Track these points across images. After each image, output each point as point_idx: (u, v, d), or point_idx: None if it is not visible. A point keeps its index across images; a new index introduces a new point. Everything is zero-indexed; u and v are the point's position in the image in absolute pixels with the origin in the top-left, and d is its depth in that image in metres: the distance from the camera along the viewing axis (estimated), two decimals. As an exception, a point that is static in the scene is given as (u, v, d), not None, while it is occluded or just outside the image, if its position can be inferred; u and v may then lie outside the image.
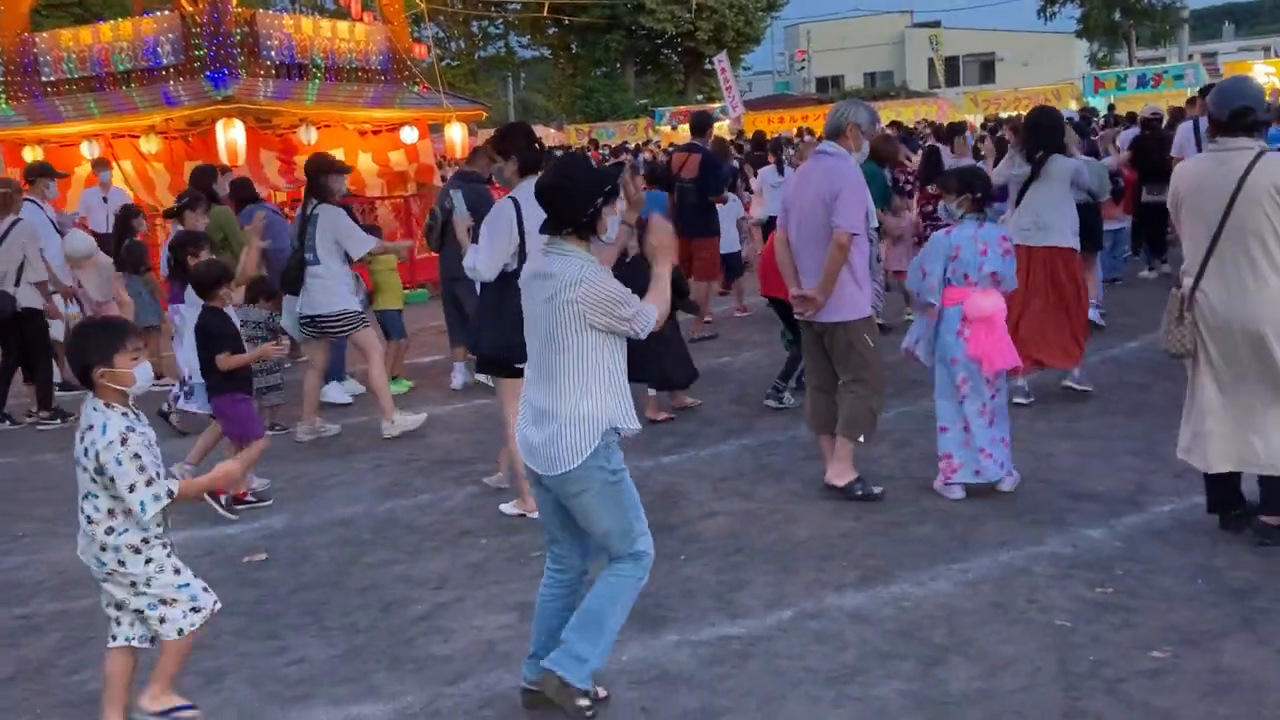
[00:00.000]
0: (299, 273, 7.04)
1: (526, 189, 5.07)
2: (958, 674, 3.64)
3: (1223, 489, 4.63)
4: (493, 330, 5.17)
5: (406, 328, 9.07)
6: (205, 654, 4.10)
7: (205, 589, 3.54)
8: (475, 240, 5.32)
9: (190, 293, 6.25)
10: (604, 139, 36.27)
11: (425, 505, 5.83)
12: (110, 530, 3.36)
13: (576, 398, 3.33)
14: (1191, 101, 10.38)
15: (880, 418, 5.62)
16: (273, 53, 14.25)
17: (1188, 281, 4.49)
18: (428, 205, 14.38)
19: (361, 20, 17.25)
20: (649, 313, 3.40)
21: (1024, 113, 27.18)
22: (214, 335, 5.73)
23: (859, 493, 5.36)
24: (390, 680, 3.88)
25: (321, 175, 7.19)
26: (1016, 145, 7.43)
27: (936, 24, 52.35)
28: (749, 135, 29.10)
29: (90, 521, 3.37)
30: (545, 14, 39.73)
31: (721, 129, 32.17)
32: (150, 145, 13.74)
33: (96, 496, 3.36)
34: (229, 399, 5.79)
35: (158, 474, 3.32)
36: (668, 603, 4.34)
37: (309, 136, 14.09)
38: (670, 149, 17.14)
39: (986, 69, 49.88)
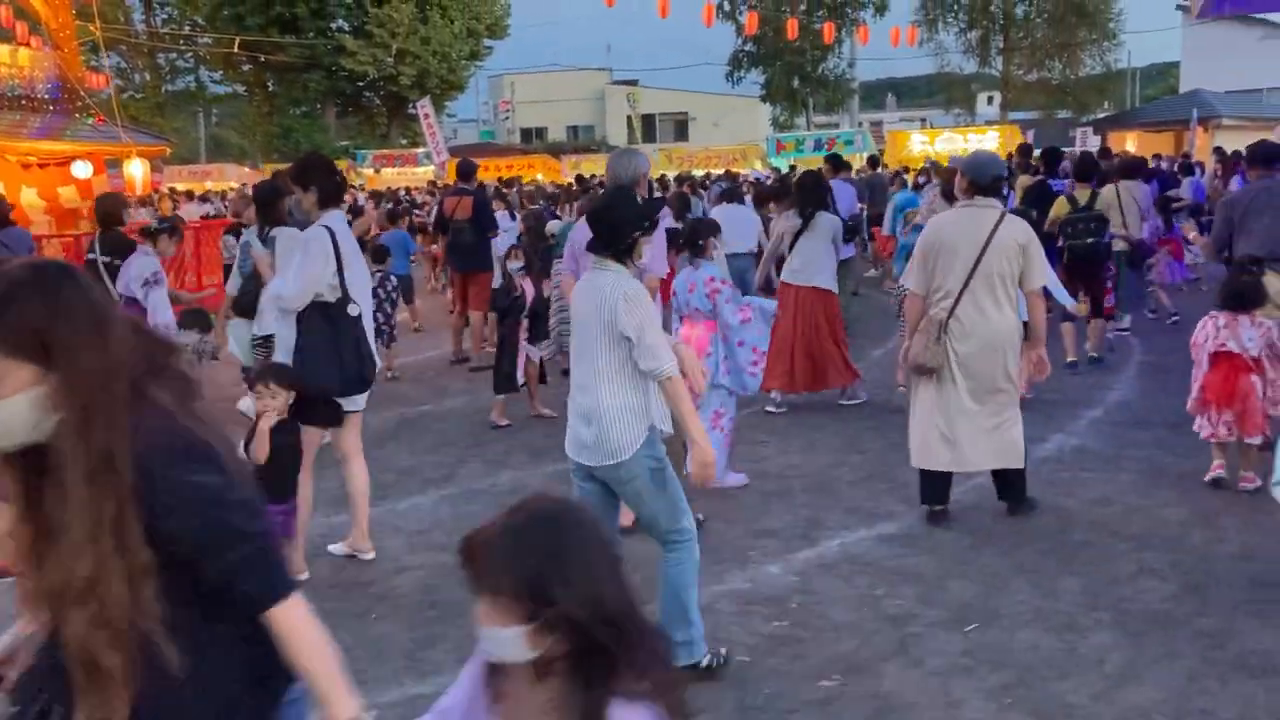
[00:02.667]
0: (255, 296, 6.71)
1: (334, 218, 5.04)
2: (645, 715, 3.73)
3: (940, 486, 5.60)
4: (331, 368, 4.92)
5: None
6: None
7: None
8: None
9: None
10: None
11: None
12: None
13: (622, 394, 3.75)
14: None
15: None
16: (-84, 74, 12.87)
17: (945, 307, 5.37)
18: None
19: (28, 45, 15.90)
20: (664, 357, 3.68)
21: (714, 170, 28.77)
22: None
23: None
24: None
25: (275, 200, 6.85)
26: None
27: (634, 83, 54.49)
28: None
29: None
30: (236, 50, 38.08)
31: (426, 174, 31.99)
32: None
33: None
34: None
35: None
36: (356, 664, 4.16)
37: (-40, 167, 12.80)
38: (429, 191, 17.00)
39: (681, 127, 52.41)
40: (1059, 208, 9.04)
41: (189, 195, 19.46)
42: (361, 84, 45.07)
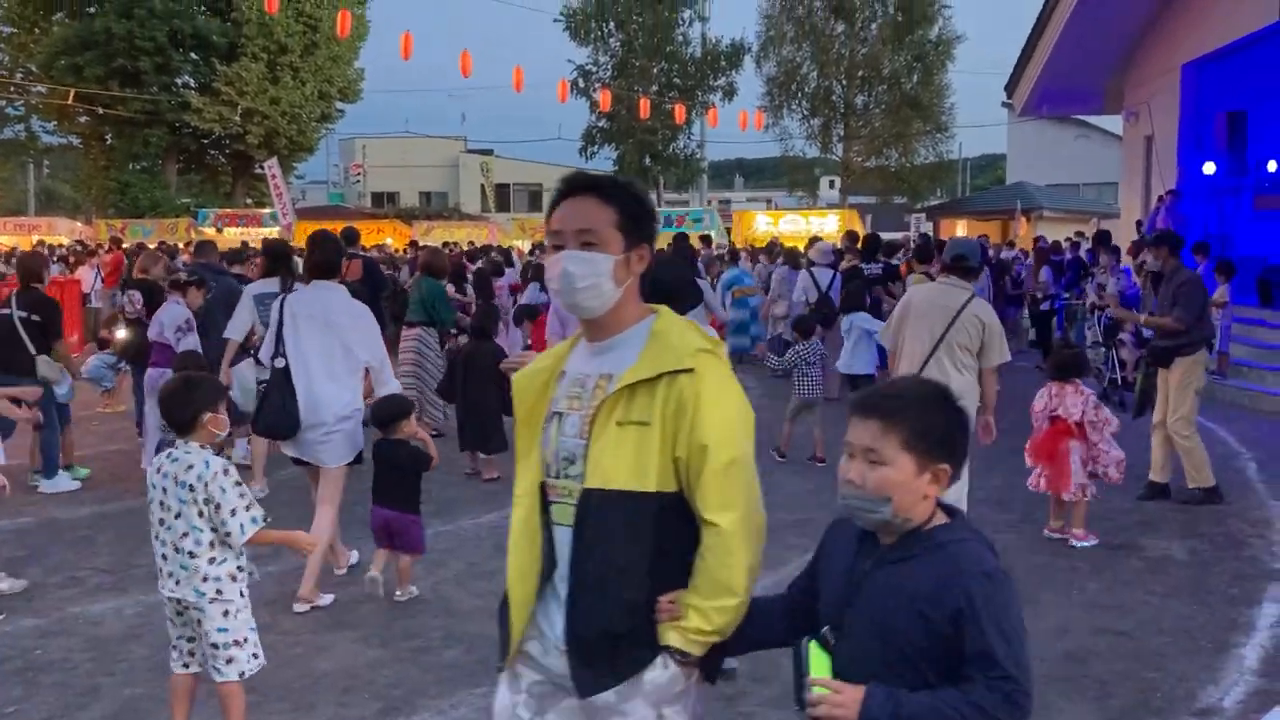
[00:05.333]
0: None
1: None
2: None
3: None
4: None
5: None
6: None
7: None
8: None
9: None
10: (140, 236, 33.80)
11: None
12: (212, 560, 3.79)
13: None
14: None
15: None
16: None
17: (913, 370, 6.05)
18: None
19: None
20: None
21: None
22: None
23: None
24: None
25: (289, 259, 7.72)
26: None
27: (489, 152, 54.68)
28: (299, 243, 28.48)
29: (193, 556, 3.77)
30: (72, 101, 36.59)
31: (271, 234, 31.23)
32: None
33: (200, 530, 3.77)
34: None
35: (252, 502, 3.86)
36: (166, 755, 3.96)
37: None
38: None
39: (535, 198, 52.75)
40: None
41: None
42: (206, 141, 43.88)
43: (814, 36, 38.45)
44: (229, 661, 3.80)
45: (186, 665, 3.93)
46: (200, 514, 3.75)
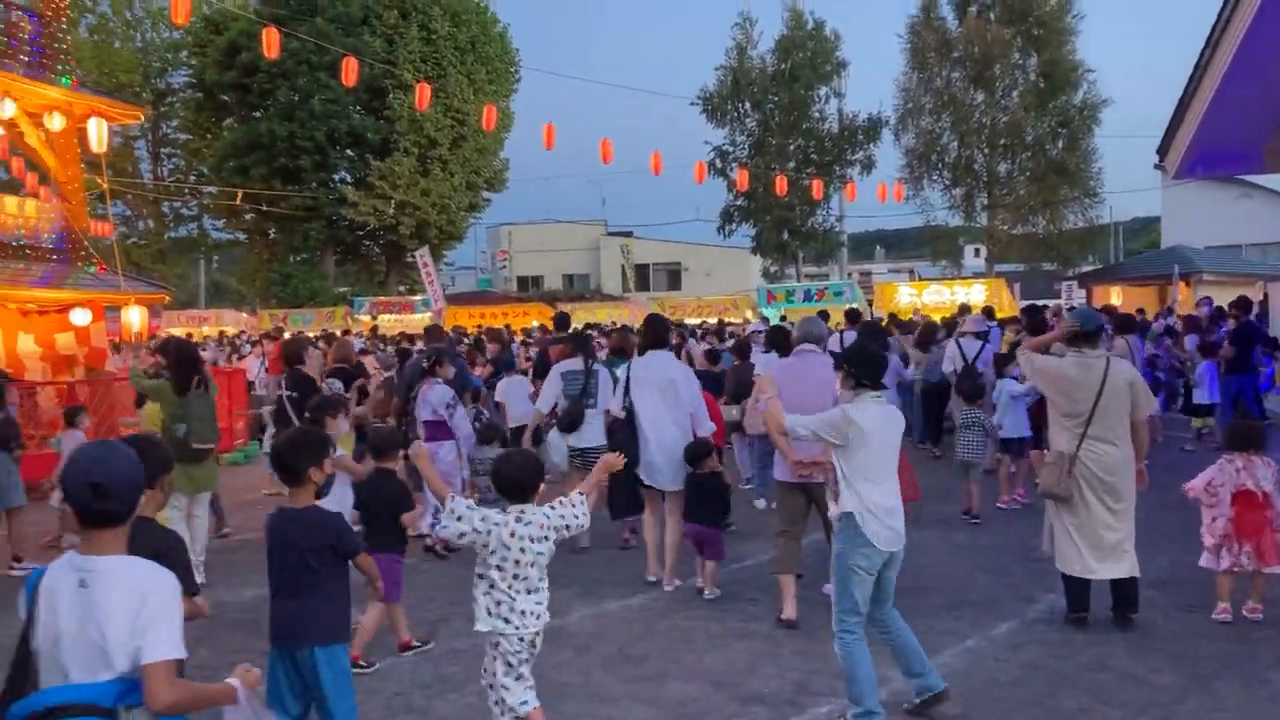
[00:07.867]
0: (580, 417, 8.76)
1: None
2: None
3: (1083, 594, 6.41)
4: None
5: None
6: None
7: None
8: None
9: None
10: (300, 325, 35.50)
11: None
12: (539, 603, 4.31)
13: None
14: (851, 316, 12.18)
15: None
16: (-81, 224, 13.13)
17: (1070, 446, 6.28)
18: (96, 391, 13.43)
19: (37, 195, 16.30)
20: None
21: (707, 319, 29.13)
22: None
23: None
24: None
25: (588, 342, 9.50)
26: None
27: (629, 234, 55.70)
28: (449, 327, 29.44)
29: (529, 593, 4.27)
30: (239, 202, 39.00)
31: (423, 321, 32.42)
32: None
33: (544, 576, 4.32)
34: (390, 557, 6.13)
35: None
36: (328, 838, 4.04)
37: (-40, 315, 12.93)
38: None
39: (674, 277, 53.34)
40: None
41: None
42: (361, 233, 46.00)
43: (953, 107, 38.13)
44: (526, 690, 4.35)
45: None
46: (531, 564, 4.30)
